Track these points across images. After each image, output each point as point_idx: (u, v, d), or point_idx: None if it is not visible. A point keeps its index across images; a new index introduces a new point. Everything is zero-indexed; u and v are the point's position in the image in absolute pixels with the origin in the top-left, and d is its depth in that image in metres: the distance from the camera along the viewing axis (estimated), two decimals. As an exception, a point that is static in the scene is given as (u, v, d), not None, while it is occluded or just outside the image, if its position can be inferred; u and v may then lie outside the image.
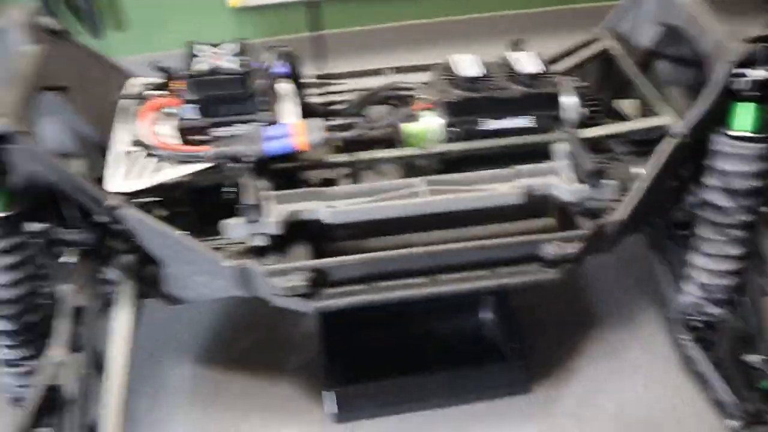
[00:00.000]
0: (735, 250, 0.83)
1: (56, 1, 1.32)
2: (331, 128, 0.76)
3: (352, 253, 0.74)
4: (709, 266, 0.85)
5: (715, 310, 0.88)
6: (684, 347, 0.93)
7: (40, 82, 0.74)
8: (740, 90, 0.74)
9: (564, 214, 0.82)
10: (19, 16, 0.77)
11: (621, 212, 0.79)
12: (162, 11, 1.39)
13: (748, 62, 0.73)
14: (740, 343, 0.87)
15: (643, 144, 0.90)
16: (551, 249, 0.75)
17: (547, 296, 1.04)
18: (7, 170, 0.68)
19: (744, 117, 0.75)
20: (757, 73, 0.73)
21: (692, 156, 0.84)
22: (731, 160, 0.77)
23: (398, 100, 0.87)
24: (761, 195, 0.80)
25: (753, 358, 0.85)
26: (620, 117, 1.00)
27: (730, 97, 0.75)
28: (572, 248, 0.76)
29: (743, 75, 0.74)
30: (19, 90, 0.70)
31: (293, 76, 0.82)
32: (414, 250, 0.74)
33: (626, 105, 1.00)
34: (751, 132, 0.75)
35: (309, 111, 0.85)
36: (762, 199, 0.81)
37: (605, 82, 0.99)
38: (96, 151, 0.84)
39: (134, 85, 0.86)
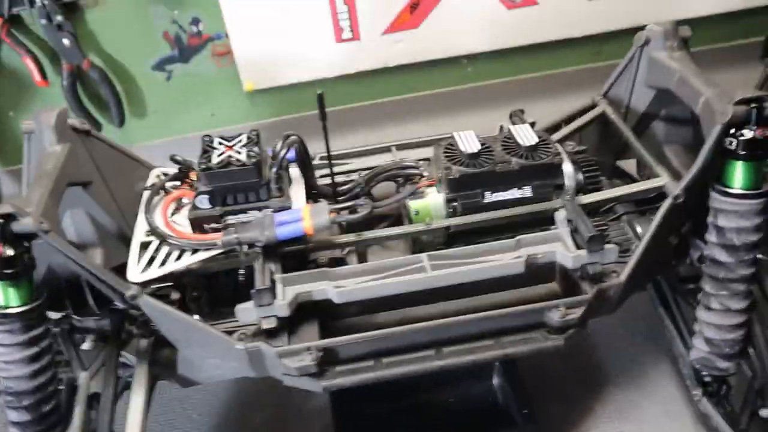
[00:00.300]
0: (739, 304, 0.84)
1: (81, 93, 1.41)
2: (337, 210, 0.79)
3: (358, 330, 0.76)
4: (714, 321, 0.85)
5: (725, 365, 0.87)
6: (697, 404, 0.92)
7: (66, 179, 0.79)
8: (731, 150, 0.76)
9: (566, 280, 0.84)
10: (49, 118, 0.83)
11: (622, 275, 0.81)
12: (181, 99, 1.47)
13: (738, 124, 0.75)
14: (755, 398, 0.87)
15: (644, 203, 0.93)
16: (556, 315, 0.77)
17: (556, 358, 1.04)
18: (35, 265, 0.72)
19: (737, 175, 0.77)
20: (746, 134, 0.75)
21: (692, 212, 0.86)
22: (727, 216, 0.79)
23: (403, 177, 0.90)
24: (759, 247, 0.81)
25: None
26: (626, 176, 1.03)
27: (723, 156, 0.77)
28: (576, 313, 0.77)
29: (733, 136, 0.76)
30: (45, 188, 0.74)
31: (301, 160, 0.86)
32: (419, 325, 0.76)
33: (630, 164, 1.03)
34: (744, 189, 0.77)
35: (317, 193, 0.89)
36: (761, 250, 0.81)
37: (605, 144, 1.02)
38: (116, 240, 0.89)
39: (155, 177, 0.91)
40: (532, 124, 0.95)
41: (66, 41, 1.34)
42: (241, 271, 0.82)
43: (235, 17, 1.37)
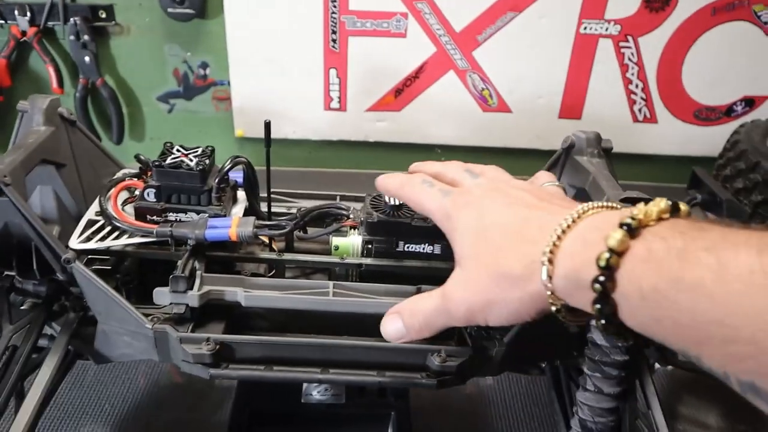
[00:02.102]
0: (611, 389, 0.90)
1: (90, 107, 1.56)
2: (264, 225, 0.89)
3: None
4: (588, 401, 0.91)
5: (594, 447, 0.93)
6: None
7: (41, 155, 0.91)
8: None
9: (460, 338, 0.92)
10: (42, 102, 0.96)
11: (505, 338, 0.89)
12: (178, 131, 1.62)
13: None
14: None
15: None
16: (436, 360, 0.85)
17: (452, 426, 1.11)
18: (-13, 215, 0.82)
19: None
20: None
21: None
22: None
23: (332, 217, 1.00)
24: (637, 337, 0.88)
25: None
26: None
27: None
28: (455, 362, 0.85)
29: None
30: (19, 156, 0.86)
31: (247, 184, 0.97)
32: (307, 339, 0.85)
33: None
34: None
35: (256, 216, 1.00)
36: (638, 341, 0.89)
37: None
38: (74, 222, 1.00)
39: (122, 173, 1.03)
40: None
41: (87, 59, 1.50)
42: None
43: (239, 69, 1.54)
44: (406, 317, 0.72)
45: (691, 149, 1.68)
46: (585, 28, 1.53)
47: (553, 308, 0.55)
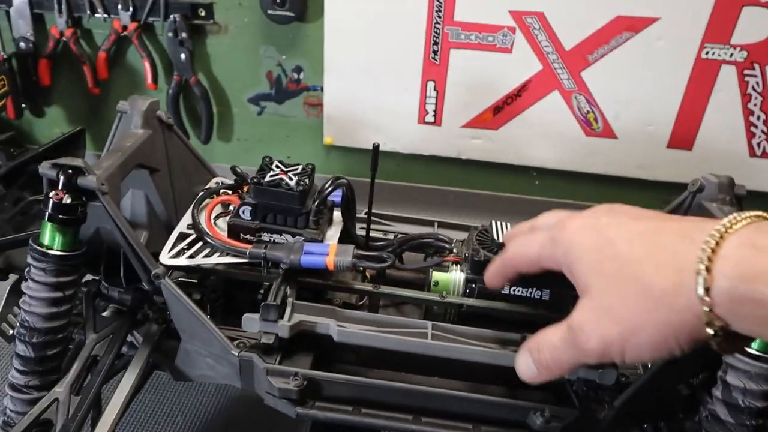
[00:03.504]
0: (729, 471, 0.81)
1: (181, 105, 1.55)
2: (363, 256, 0.83)
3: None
4: (702, 482, 0.83)
5: None
6: None
7: (137, 159, 0.88)
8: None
9: (562, 392, 0.84)
10: (142, 105, 0.93)
11: (616, 401, 0.80)
12: (266, 134, 1.59)
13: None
14: None
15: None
16: (538, 420, 0.77)
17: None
18: (84, 220, 0.79)
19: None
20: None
21: (705, 365, 0.85)
22: (737, 374, 0.78)
23: (434, 249, 0.94)
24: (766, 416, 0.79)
25: None
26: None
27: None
28: (560, 424, 0.77)
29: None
30: (117, 160, 0.83)
31: (345, 205, 0.91)
32: (401, 384, 0.78)
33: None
34: (762, 350, 0.75)
35: (352, 240, 0.94)
36: None
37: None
38: (163, 229, 0.96)
39: (214, 183, 0.99)
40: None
41: (183, 56, 1.48)
42: (261, 291, 0.86)
43: (333, 75, 1.49)
44: (534, 353, 0.62)
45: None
46: (707, 53, 1.42)
47: (711, 331, 0.44)
